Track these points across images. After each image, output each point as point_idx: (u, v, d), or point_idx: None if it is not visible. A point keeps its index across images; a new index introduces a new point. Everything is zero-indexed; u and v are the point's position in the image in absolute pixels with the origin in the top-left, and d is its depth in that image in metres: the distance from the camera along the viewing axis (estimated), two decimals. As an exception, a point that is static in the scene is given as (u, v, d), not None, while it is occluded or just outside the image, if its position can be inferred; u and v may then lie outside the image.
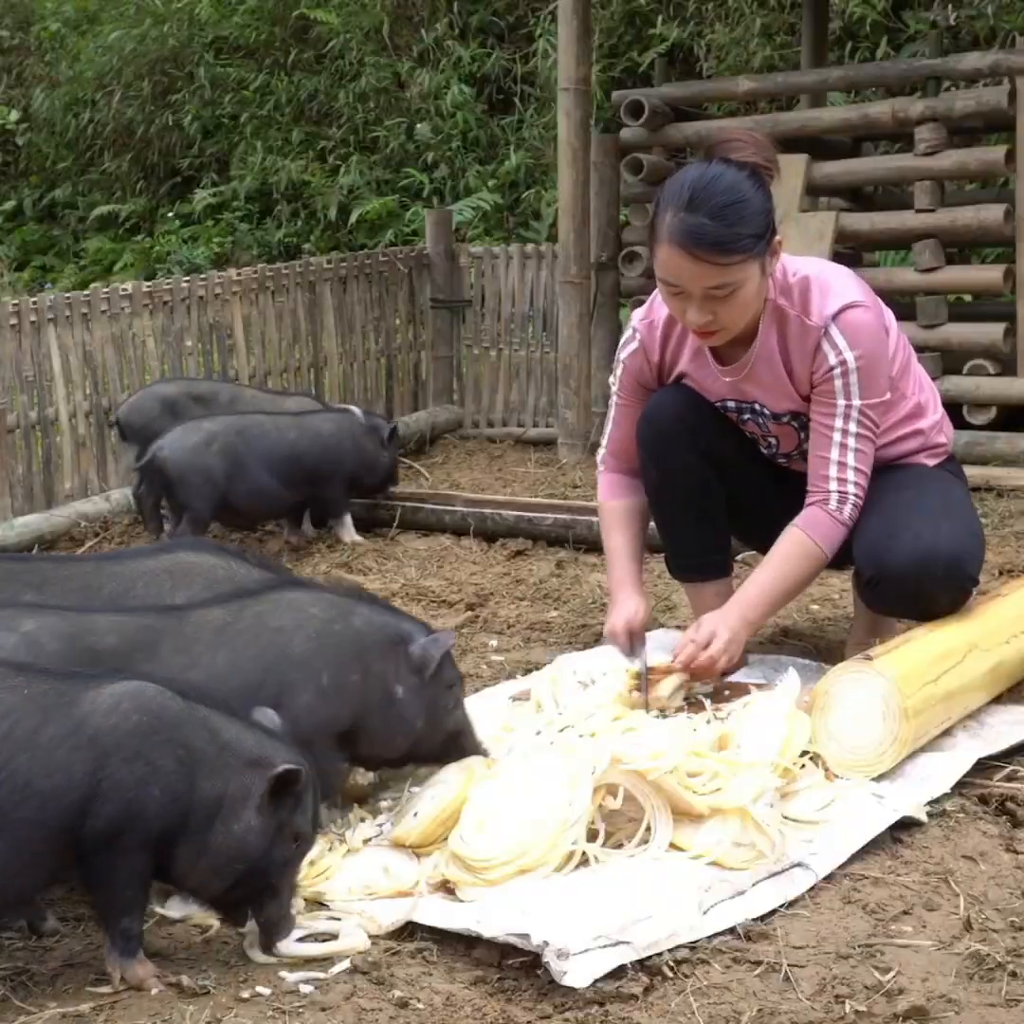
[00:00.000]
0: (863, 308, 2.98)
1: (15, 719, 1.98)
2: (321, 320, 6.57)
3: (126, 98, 12.14)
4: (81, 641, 2.37)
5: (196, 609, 2.52)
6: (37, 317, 5.40)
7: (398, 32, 11.20)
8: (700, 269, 2.83)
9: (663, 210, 2.86)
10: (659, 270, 2.90)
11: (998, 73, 5.84)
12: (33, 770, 1.97)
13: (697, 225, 2.80)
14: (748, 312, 2.94)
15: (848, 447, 2.97)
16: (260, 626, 2.48)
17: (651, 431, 3.24)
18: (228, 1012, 2.00)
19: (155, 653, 2.40)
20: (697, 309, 2.89)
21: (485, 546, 4.87)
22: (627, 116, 6.50)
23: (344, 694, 2.50)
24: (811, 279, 3.00)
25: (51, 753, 1.98)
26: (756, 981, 2.08)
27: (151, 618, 2.47)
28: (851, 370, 2.95)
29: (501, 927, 2.13)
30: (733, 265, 2.83)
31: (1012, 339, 5.64)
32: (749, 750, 2.55)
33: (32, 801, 1.96)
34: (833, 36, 8.94)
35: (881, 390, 3.00)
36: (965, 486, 3.29)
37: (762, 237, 2.86)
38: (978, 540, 3.10)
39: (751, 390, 3.12)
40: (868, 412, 2.98)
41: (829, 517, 2.97)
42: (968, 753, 2.78)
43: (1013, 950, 2.13)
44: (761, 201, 2.87)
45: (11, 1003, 2.05)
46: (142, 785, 2.01)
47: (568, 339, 6.36)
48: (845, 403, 2.97)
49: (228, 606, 2.51)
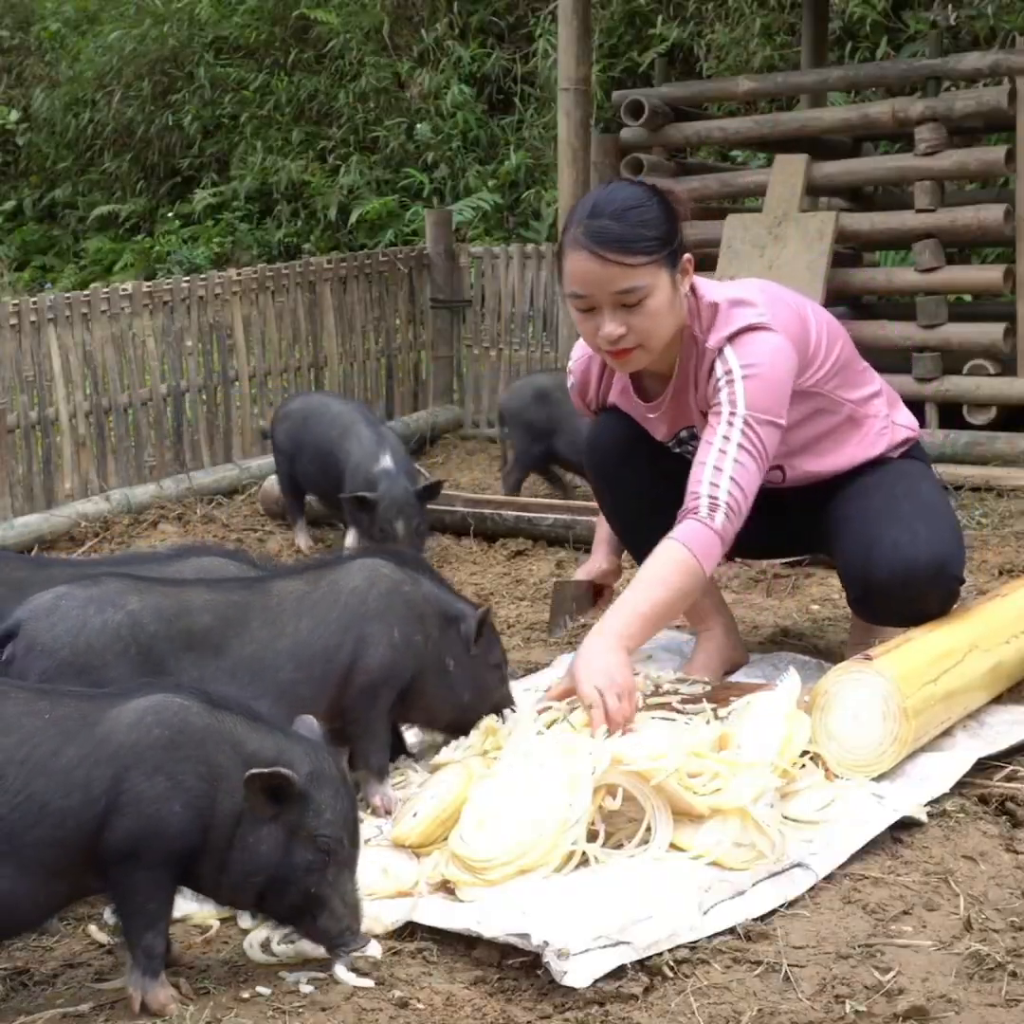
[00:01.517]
0: (763, 330, 2.90)
1: (35, 743, 1.97)
2: (321, 320, 6.57)
3: (126, 98, 12.14)
4: (179, 622, 2.47)
5: (277, 581, 2.66)
6: (37, 317, 5.40)
7: (398, 32, 11.20)
8: (607, 271, 2.80)
9: (567, 228, 2.88)
10: (568, 285, 2.87)
11: (998, 73, 5.83)
12: (50, 792, 1.96)
13: (600, 226, 2.80)
14: (660, 327, 2.87)
15: (727, 455, 2.81)
16: (337, 591, 2.63)
17: (598, 456, 3.29)
18: (228, 1012, 2.00)
19: (246, 627, 2.53)
20: (609, 320, 2.84)
21: (485, 546, 4.87)
22: (627, 116, 6.50)
23: (409, 650, 2.65)
24: (719, 304, 2.94)
25: (69, 774, 1.97)
26: (756, 981, 2.08)
27: (240, 595, 2.58)
28: (736, 379, 2.86)
29: (501, 927, 2.13)
30: (639, 267, 2.80)
31: (1012, 339, 5.64)
32: (749, 750, 2.55)
33: (48, 820, 1.95)
34: (833, 36, 8.93)
35: (773, 409, 2.86)
36: (932, 473, 3.24)
37: (668, 244, 2.83)
38: (956, 536, 3.05)
39: (680, 416, 3.10)
40: (754, 426, 2.82)
41: (703, 527, 2.78)
42: (968, 753, 2.78)
43: (1013, 950, 2.13)
44: (662, 210, 2.86)
45: (11, 1003, 2.05)
46: (163, 800, 1.99)
47: (568, 339, 6.36)
48: (729, 411, 2.84)
49: (304, 576, 2.67)
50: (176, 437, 5.93)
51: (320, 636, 2.58)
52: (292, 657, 2.54)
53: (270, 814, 2.04)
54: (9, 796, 1.93)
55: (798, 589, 4.06)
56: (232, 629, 2.51)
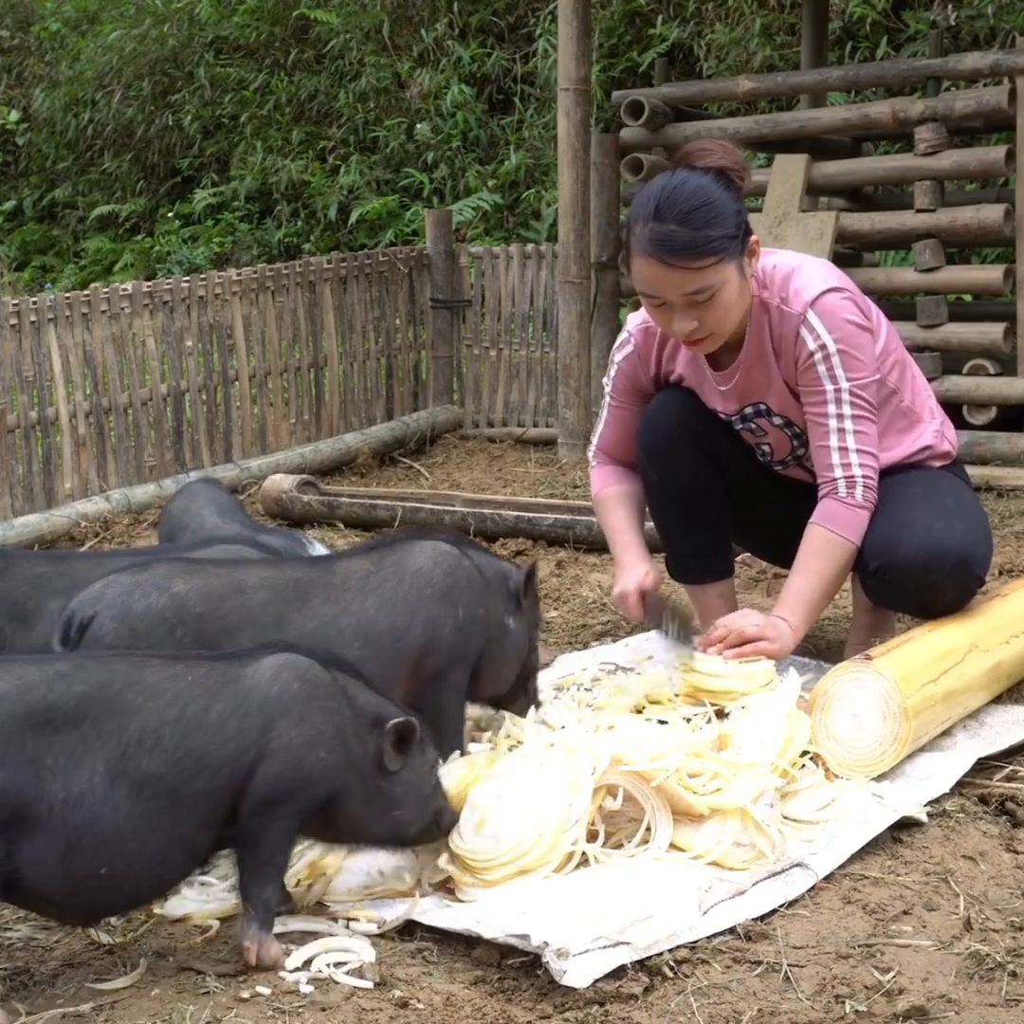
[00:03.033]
0: (840, 293, 2.98)
1: (184, 703, 2.08)
2: (321, 320, 6.57)
3: (126, 98, 12.14)
4: (232, 600, 2.50)
5: (340, 560, 2.71)
6: (37, 317, 5.40)
7: (398, 32, 11.20)
8: (675, 276, 2.83)
9: (633, 225, 2.88)
10: (637, 284, 2.92)
11: (998, 73, 5.83)
12: (206, 745, 2.06)
13: (666, 232, 2.81)
14: (732, 315, 2.93)
15: (846, 431, 2.94)
16: (401, 571, 2.64)
17: (653, 434, 3.22)
18: (228, 1012, 2.00)
19: (306, 604, 2.54)
20: (680, 317, 2.89)
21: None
22: (627, 116, 6.50)
23: (475, 626, 2.70)
24: (791, 268, 3.01)
25: (222, 726, 2.08)
26: (756, 981, 2.08)
27: (300, 571, 2.63)
28: (832, 354, 2.94)
29: (501, 927, 2.13)
30: (707, 268, 2.82)
31: (1012, 339, 5.64)
32: (749, 750, 2.55)
33: (205, 772, 2.05)
34: (833, 36, 8.93)
35: (868, 369, 2.97)
36: (972, 491, 3.29)
37: (735, 237, 2.85)
38: (988, 543, 3.10)
39: (749, 391, 3.11)
40: (859, 392, 2.95)
41: (842, 505, 2.94)
42: (968, 753, 2.78)
43: (1013, 950, 2.13)
44: (729, 202, 2.87)
45: (11, 1003, 2.05)
46: (309, 747, 2.11)
47: (568, 339, 6.36)
48: (833, 387, 2.95)
49: (368, 556, 2.69)
50: (176, 437, 5.93)
51: (387, 615, 2.60)
52: (358, 635, 2.56)
53: (398, 764, 2.20)
54: (168, 755, 2.04)
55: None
56: (292, 604, 2.54)
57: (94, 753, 2.00)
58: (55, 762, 1.98)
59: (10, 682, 2.01)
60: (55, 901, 2.03)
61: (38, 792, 1.96)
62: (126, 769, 2.01)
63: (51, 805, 1.97)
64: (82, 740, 2.00)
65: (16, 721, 1.98)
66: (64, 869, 1.98)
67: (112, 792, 2.00)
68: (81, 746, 2.00)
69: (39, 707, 2.00)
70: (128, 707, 2.04)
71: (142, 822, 2.01)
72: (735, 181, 2.91)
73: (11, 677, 2.02)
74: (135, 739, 2.03)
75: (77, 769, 1.99)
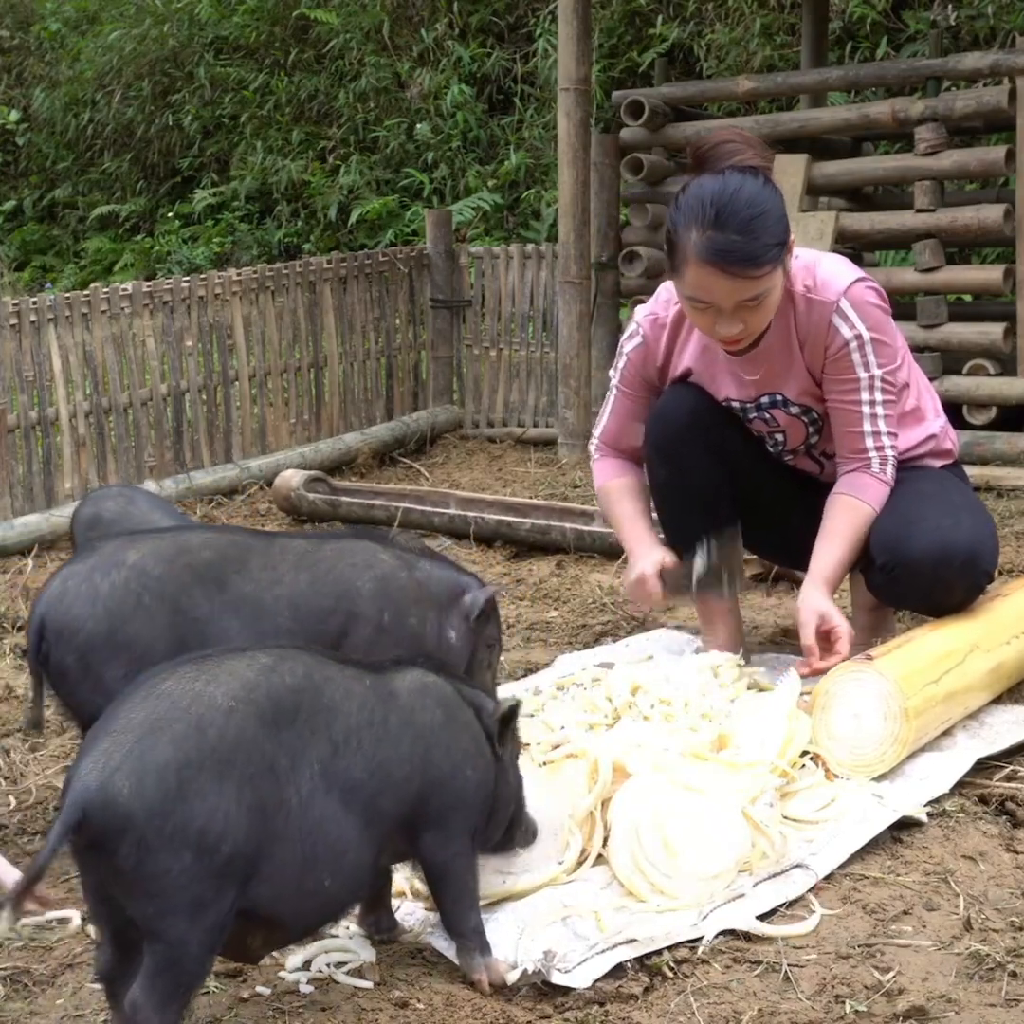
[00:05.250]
0: (866, 282, 3.02)
1: (370, 708, 1.97)
2: (321, 320, 6.57)
3: (126, 98, 12.15)
4: (181, 559, 2.50)
5: (281, 536, 2.72)
6: (37, 317, 5.40)
7: (398, 32, 11.20)
8: (734, 284, 2.83)
9: (685, 228, 2.82)
10: (688, 289, 2.87)
11: (998, 73, 5.84)
12: (391, 757, 1.98)
13: (727, 243, 2.78)
14: (772, 313, 2.95)
15: (878, 416, 3.02)
16: (337, 559, 2.62)
17: (662, 430, 3.20)
18: (228, 1012, 2.00)
19: (244, 566, 2.54)
20: (728, 322, 2.89)
21: (485, 546, 4.87)
22: (627, 116, 6.51)
23: (400, 633, 2.62)
24: (812, 258, 3.04)
25: (399, 741, 1.99)
26: (756, 981, 2.08)
27: (241, 536, 2.64)
28: (866, 342, 2.98)
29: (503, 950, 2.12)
30: (764, 276, 2.84)
31: (1012, 339, 5.64)
32: (749, 750, 2.55)
33: (391, 784, 1.97)
34: (833, 36, 8.94)
35: (897, 355, 3.06)
36: (973, 492, 3.30)
37: (784, 243, 2.87)
38: (995, 540, 3.11)
39: (767, 379, 3.11)
40: (887, 378, 3.02)
41: (875, 479, 3.02)
42: (968, 753, 2.78)
43: (1013, 950, 2.13)
44: (779, 207, 2.88)
45: (11, 1003, 2.05)
46: (459, 771, 2.06)
47: (568, 339, 6.36)
48: (867, 375, 3.00)
49: (310, 539, 2.71)
50: (176, 437, 5.93)
51: (316, 594, 2.58)
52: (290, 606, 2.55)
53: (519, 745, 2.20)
54: (367, 761, 1.93)
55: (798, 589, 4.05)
56: (231, 565, 2.54)
57: (311, 751, 1.87)
58: (288, 763, 1.84)
59: (233, 684, 1.83)
60: (285, 922, 1.89)
61: (277, 798, 1.81)
62: (337, 769, 1.89)
63: (288, 812, 1.82)
64: (298, 737, 1.86)
65: (252, 723, 1.82)
66: (298, 882, 1.85)
67: (329, 795, 1.88)
68: (299, 743, 1.86)
69: (266, 704, 1.84)
70: (330, 703, 1.92)
71: (353, 830, 1.90)
72: (771, 181, 2.91)
73: (229, 679, 1.84)
74: (342, 738, 1.91)
75: (301, 769, 1.85)
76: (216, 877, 1.74)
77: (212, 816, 1.74)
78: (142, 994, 1.74)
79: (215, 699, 1.80)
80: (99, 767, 1.72)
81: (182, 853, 1.72)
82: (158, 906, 1.73)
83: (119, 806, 1.70)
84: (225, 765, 1.77)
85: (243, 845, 1.77)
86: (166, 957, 1.74)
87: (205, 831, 1.73)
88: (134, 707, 1.78)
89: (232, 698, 1.82)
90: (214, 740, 1.77)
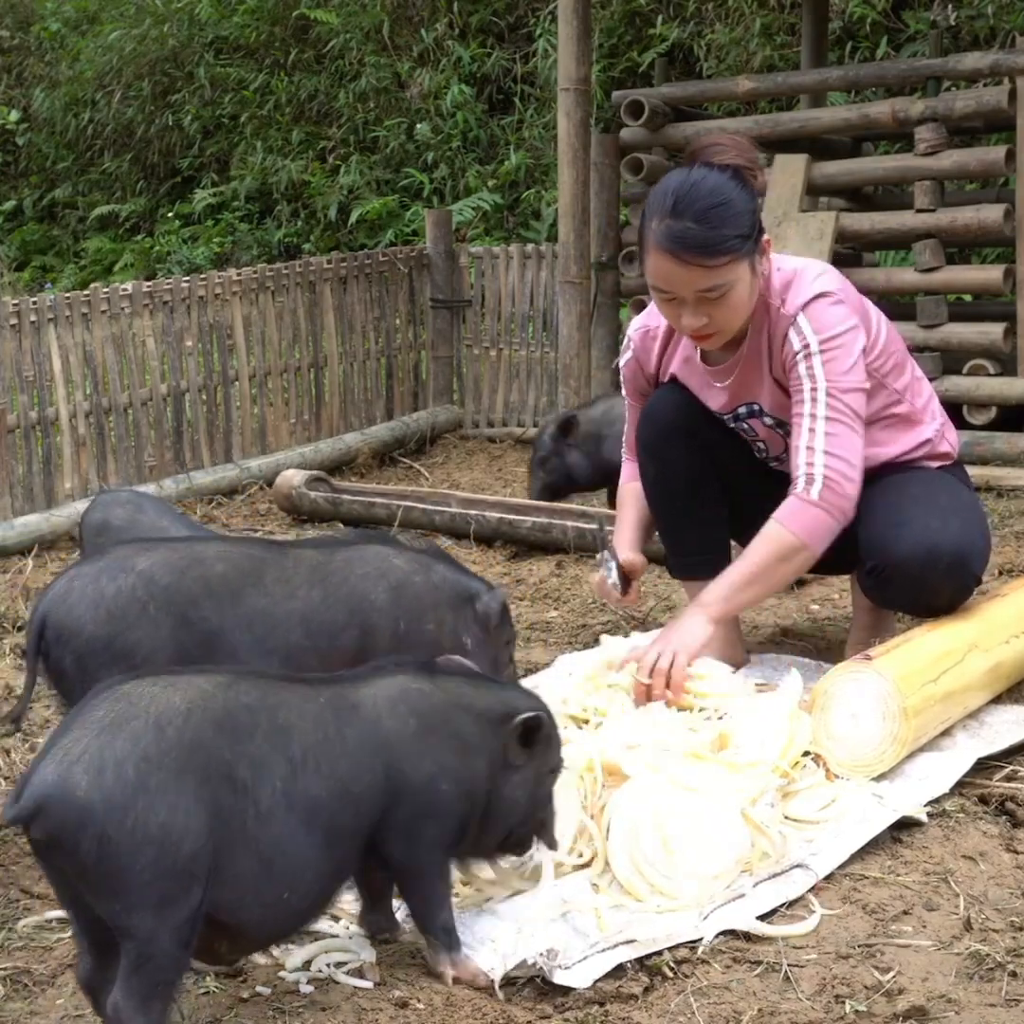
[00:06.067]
0: (831, 297, 2.96)
1: (325, 725, 1.97)
2: (321, 320, 6.57)
3: (126, 98, 12.15)
4: (192, 571, 2.49)
5: (294, 547, 2.68)
6: (37, 317, 5.40)
7: (398, 32, 11.20)
8: (689, 273, 2.84)
9: (648, 218, 2.89)
10: (650, 277, 2.93)
11: (998, 73, 5.83)
12: (349, 772, 1.97)
13: (682, 230, 2.81)
14: (741, 312, 2.95)
15: (816, 431, 2.88)
16: (349, 570, 2.60)
17: (650, 428, 3.29)
18: (228, 1012, 2.00)
19: (260, 580, 2.53)
20: (691, 313, 2.91)
21: (485, 546, 4.87)
22: (627, 116, 6.50)
23: (419, 641, 2.59)
24: (793, 272, 3.02)
25: (357, 756, 1.99)
26: (756, 981, 2.08)
27: (255, 548, 2.63)
28: (814, 353, 2.92)
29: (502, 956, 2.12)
30: (721, 267, 2.84)
31: (1012, 339, 5.64)
32: (749, 750, 2.55)
33: (350, 800, 1.96)
34: (833, 36, 8.93)
35: (853, 375, 2.92)
36: (972, 491, 3.28)
37: (748, 237, 2.87)
38: (985, 541, 3.10)
39: (740, 387, 3.13)
40: (838, 395, 2.89)
41: (798, 501, 2.87)
42: (968, 753, 2.78)
43: (1013, 950, 2.13)
44: (745, 201, 2.87)
45: (11, 1003, 2.05)
46: (433, 784, 2.04)
47: (568, 339, 6.36)
48: (811, 386, 2.92)
49: (322, 548, 2.67)
50: (176, 437, 5.93)
51: (328, 609, 2.56)
52: (303, 622, 2.54)
53: (524, 759, 2.13)
54: (324, 779, 1.93)
55: (798, 589, 4.06)
56: (247, 579, 2.52)
57: (274, 769, 1.89)
58: (248, 775, 1.85)
59: (191, 691, 1.86)
60: (248, 930, 1.90)
61: (233, 806, 1.83)
62: (297, 789, 1.90)
63: (244, 823, 1.84)
64: (258, 751, 1.88)
65: (210, 728, 1.84)
66: (257, 893, 1.87)
67: (290, 814, 1.89)
68: (259, 758, 1.88)
69: (222, 715, 1.86)
70: (285, 724, 1.93)
71: (313, 849, 1.91)
72: (749, 180, 2.92)
73: (187, 686, 1.87)
74: (299, 758, 1.92)
75: (263, 785, 1.87)
76: (180, 873, 1.76)
77: (173, 812, 1.75)
78: (121, 996, 1.76)
79: (173, 701, 1.84)
80: (56, 761, 1.74)
81: (144, 848, 1.73)
82: (124, 902, 1.74)
83: (77, 799, 1.71)
84: (184, 763, 1.78)
85: (205, 843, 1.78)
86: (139, 954, 1.75)
87: (166, 826, 1.74)
88: (94, 708, 1.81)
89: (190, 702, 1.85)
90: (173, 738, 1.79)
